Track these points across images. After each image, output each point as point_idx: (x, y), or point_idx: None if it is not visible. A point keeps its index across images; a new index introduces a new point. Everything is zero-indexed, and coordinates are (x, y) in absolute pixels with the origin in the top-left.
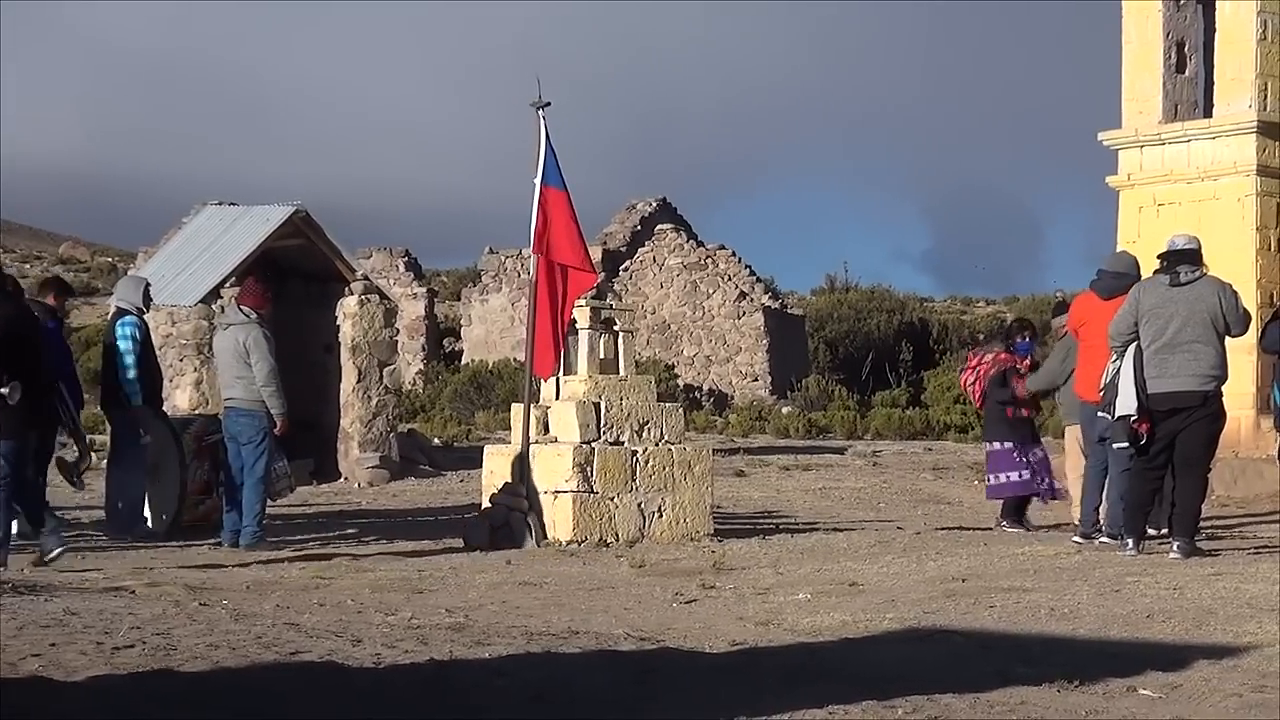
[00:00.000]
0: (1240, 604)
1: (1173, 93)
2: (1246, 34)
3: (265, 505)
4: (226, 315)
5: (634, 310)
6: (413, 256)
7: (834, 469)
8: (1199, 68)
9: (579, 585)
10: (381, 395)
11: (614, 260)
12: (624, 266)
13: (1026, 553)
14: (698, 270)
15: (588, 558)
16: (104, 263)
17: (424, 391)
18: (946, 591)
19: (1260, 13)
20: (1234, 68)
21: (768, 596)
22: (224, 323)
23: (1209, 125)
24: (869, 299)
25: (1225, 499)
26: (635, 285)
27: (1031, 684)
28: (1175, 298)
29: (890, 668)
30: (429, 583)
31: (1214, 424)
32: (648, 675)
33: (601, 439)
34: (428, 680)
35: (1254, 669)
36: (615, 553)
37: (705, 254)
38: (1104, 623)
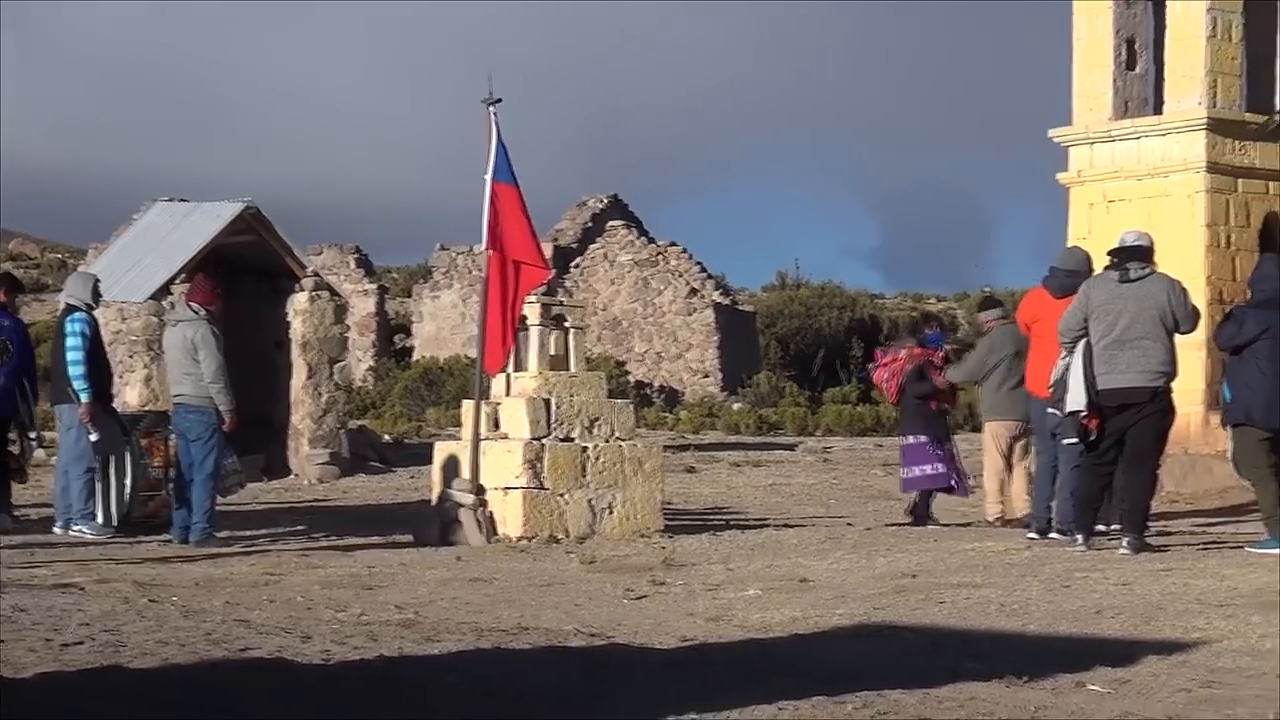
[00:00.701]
0: (1189, 600)
1: (1123, 90)
2: (1197, 31)
3: (215, 502)
4: (176, 312)
5: (585, 306)
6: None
7: (784, 465)
8: (1149, 65)
9: (529, 581)
10: (332, 392)
11: (565, 256)
12: (575, 263)
13: (976, 549)
14: (649, 267)
15: (538, 554)
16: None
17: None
18: (896, 587)
19: (1210, 10)
20: (1184, 65)
21: (718, 593)
22: (173, 319)
23: (1159, 122)
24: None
25: (1175, 495)
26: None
27: (981, 679)
28: (1125, 294)
29: (840, 664)
30: (379, 579)
31: (1163, 420)
32: (598, 671)
33: (552, 435)
34: (377, 677)
35: (1203, 664)
36: (565, 549)
37: (656, 250)
38: (1053, 618)
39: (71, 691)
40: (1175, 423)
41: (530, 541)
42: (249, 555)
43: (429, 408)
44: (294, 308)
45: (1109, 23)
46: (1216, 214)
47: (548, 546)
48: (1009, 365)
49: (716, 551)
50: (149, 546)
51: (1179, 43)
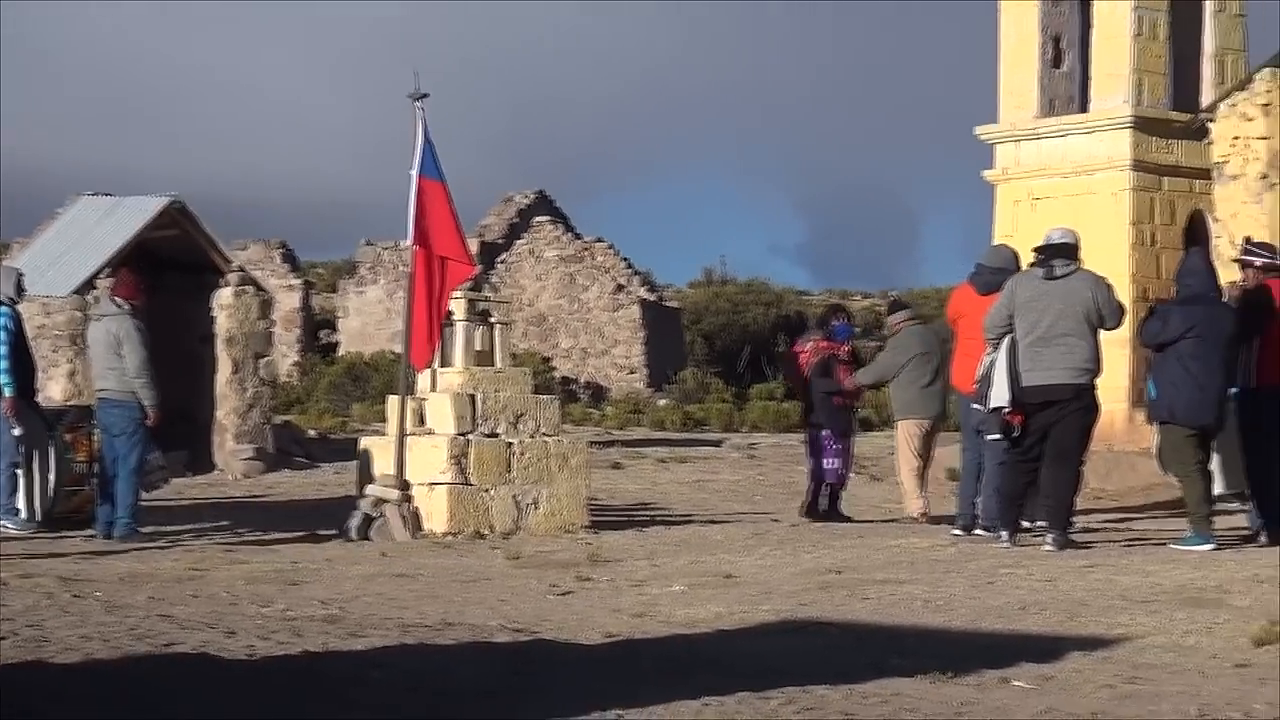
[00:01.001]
0: (1113, 596)
1: (1049, 88)
2: (1123, 30)
3: (139, 497)
4: (100, 306)
5: (510, 302)
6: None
7: (710, 461)
8: (1075, 63)
9: (454, 577)
10: (257, 387)
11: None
12: (501, 259)
13: (901, 545)
14: (575, 263)
15: (463, 550)
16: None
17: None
18: (821, 583)
19: (1136, 9)
20: (1110, 63)
21: (643, 588)
22: (97, 314)
23: (1085, 120)
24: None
25: (1099, 492)
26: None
27: (906, 675)
28: (1050, 291)
29: (766, 660)
30: (303, 574)
31: (1088, 417)
32: (523, 667)
33: (477, 431)
34: (301, 672)
35: (1126, 660)
36: (491, 545)
37: (582, 246)
38: (978, 615)
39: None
40: (1099, 419)
41: (455, 537)
42: (173, 551)
43: (354, 403)
44: (219, 303)
45: (1035, 21)
46: (1141, 212)
47: (473, 542)
48: (918, 365)
49: (642, 547)
50: (73, 541)
51: (1105, 41)
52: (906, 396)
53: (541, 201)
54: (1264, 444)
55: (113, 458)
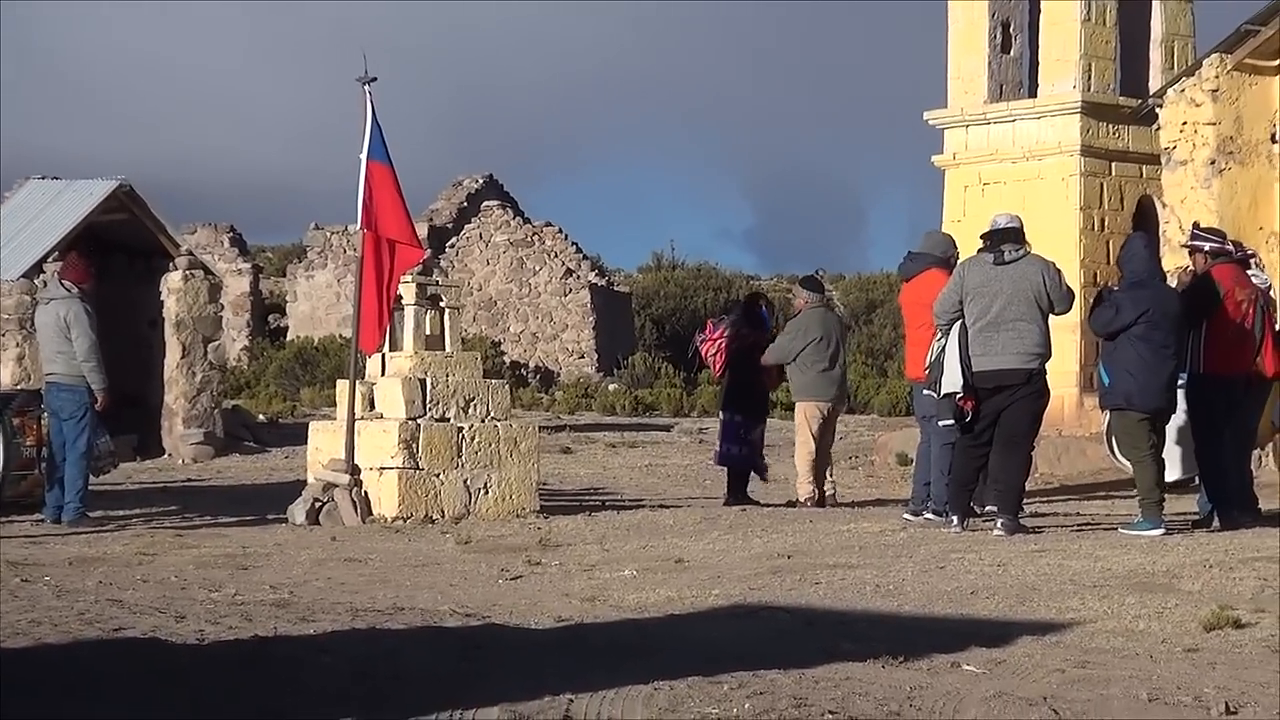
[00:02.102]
0: (1063, 581)
1: (998, 73)
2: (1071, 15)
3: (88, 481)
4: (48, 290)
5: (460, 286)
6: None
7: (660, 446)
8: (1024, 48)
9: (404, 562)
10: (206, 371)
11: (440, 237)
12: (450, 243)
13: (852, 529)
14: (524, 247)
15: (413, 534)
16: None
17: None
18: (772, 568)
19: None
20: (1059, 48)
21: (594, 573)
22: (46, 297)
23: (1034, 105)
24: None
25: (1049, 476)
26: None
27: (857, 659)
28: (999, 276)
29: (717, 644)
30: (253, 559)
31: (1038, 402)
32: (474, 652)
33: (427, 415)
34: (251, 656)
35: (1076, 645)
36: (441, 529)
37: (532, 231)
38: (929, 599)
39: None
40: (1049, 405)
41: (405, 522)
42: (123, 535)
43: (304, 387)
44: (168, 286)
45: (984, 6)
46: (1090, 197)
47: (423, 527)
48: (816, 348)
49: (592, 532)
50: (21, 526)
51: (1054, 27)
52: (805, 379)
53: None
54: (1214, 430)
55: (61, 442)
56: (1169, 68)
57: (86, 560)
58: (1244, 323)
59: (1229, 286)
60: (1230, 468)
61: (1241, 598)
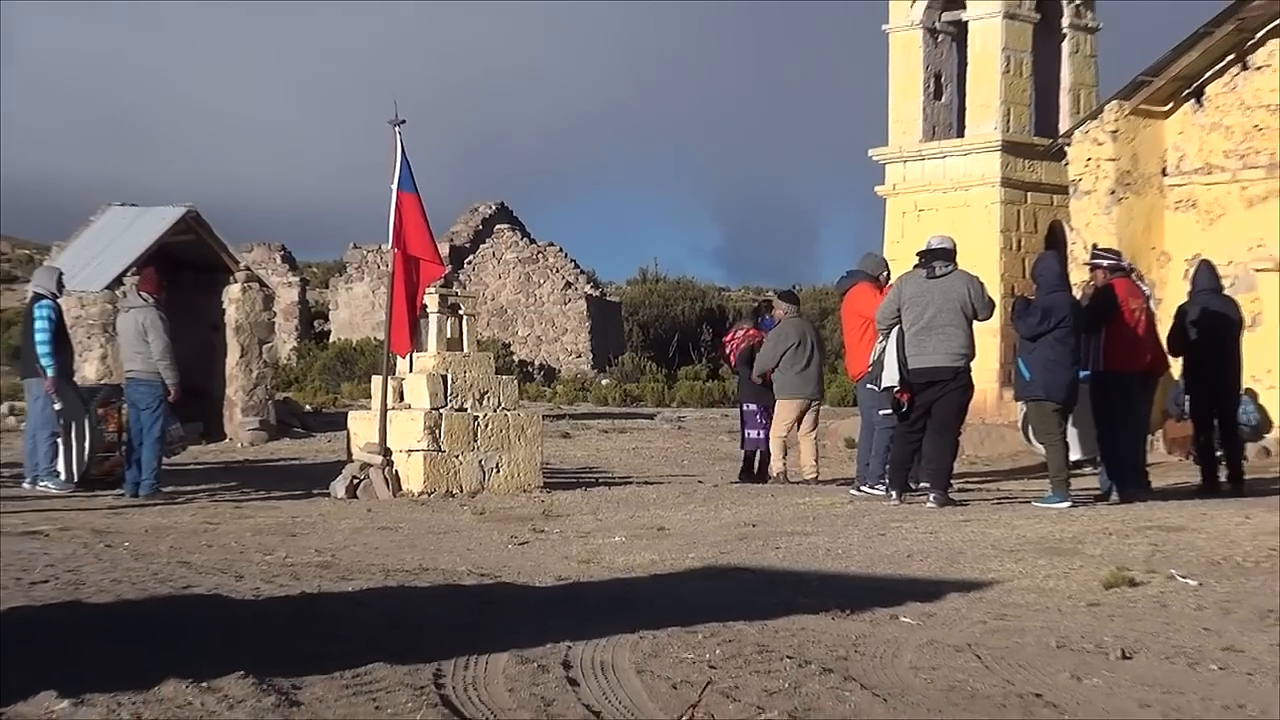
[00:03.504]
0: (986, 546)
1: (931, 116)
2: (993, 67)
3: (161, 461)
4: (128, 300)
5: (476, 297)
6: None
7: (645, 432)
8: (953, 96)
9: (429, 530)
10: (261, 368)
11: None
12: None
13: (807, 503)
14: (530, 264)
15: (436, 506)
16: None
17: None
18: (739, 535)
19: (1004, 49)
20: (982, 96)
21: (589, 539)
22: (126, 306)
23: (961, 144)
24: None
25: (973, 458)
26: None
27: (810, 613)
28: (932, 288)
29: (692, 599)
30: (301, 527)
31: (964, 394)
32: (487, 606)
33: (448, 406)
34: (299, 610)
35: (996, 600)
36: (459, 502)
37: (537, 250)
38: (871, 561)
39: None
40: (974, 397)
41: (429, 496)
42: (190, 507)
43: (344, 382)
44: (228, 297)
45: (919, 59)
46: (1009, 222)
47: (444, 500)
48: (794, 353)
49: (587, 504)
50: (105, 500)
51: (978, 77)
52: (784, 380)
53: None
54: (1113, 418)
55: (138, 428)
56: (1076, 112)
57: (159, 528)
58: (1137, 328)
59: (1124, 297)
60: (1126, 450)
61: (1136, 560)
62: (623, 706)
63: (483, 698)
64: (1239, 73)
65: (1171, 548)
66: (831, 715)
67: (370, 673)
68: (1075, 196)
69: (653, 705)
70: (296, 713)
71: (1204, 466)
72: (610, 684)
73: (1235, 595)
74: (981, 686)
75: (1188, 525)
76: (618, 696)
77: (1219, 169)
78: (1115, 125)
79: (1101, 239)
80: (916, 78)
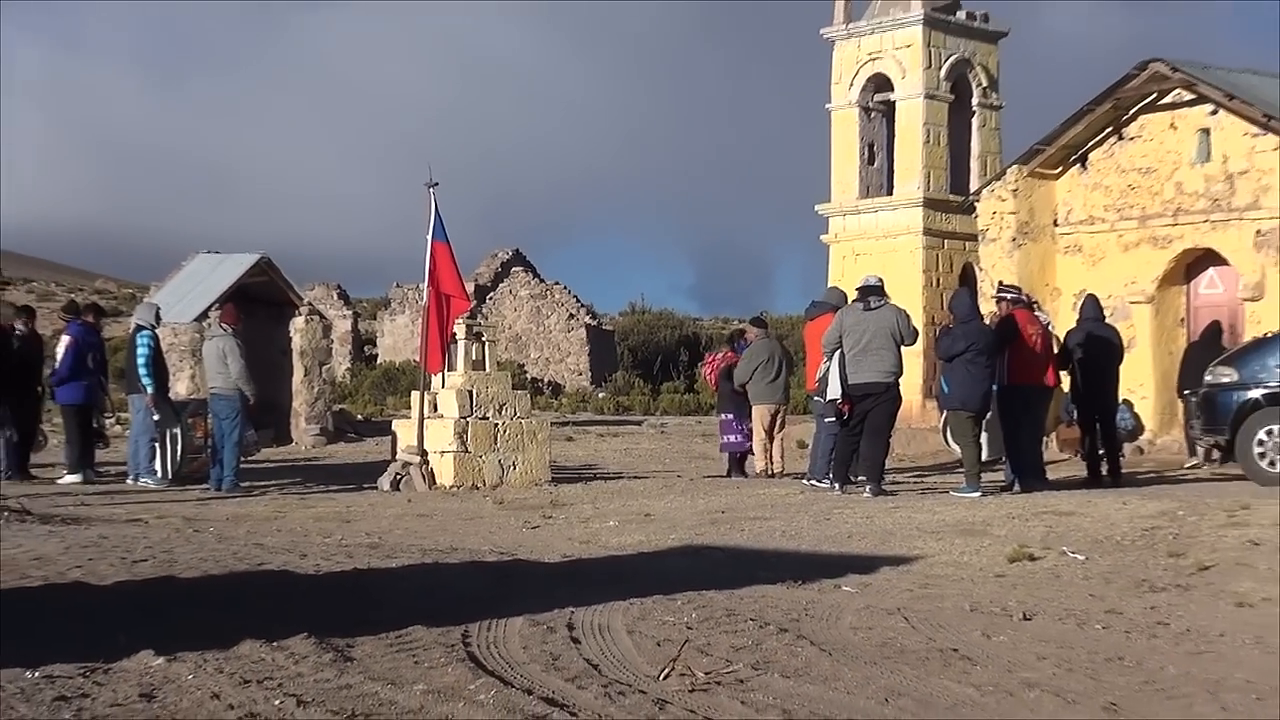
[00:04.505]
0: (912, 528)
1: (866, 178)
2: (916, 139)
3: (240, 461)
4: (212, 330)
5: (496, 327)
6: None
7: (634, 436)
8: (883, 161)
9: (457, 516)
10: (320, 385)
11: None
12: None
13: (766, 494)
14: (540, 299)
15: (464, 497)
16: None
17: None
18: (711, 520)
19: (925, 123)
20: (907, 161)
21: (588, 524)
22: (210, 335)
23: (890, 201)
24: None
25: (902, 456)
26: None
27: (769, 583)
28: (867, 318)
29: (672, 573)
30: (354, 515)
31: (894, 405)
32: (505, 579)
33: (473, 415)
34: (352, 582)
35: (921, 573)
36: (483, 494)
37: (545, 288)
38: (819, 541)
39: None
40: (902, 407)
41: (458, 489)
42: (263, 499)
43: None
44: (294, 327)
45: (856, 132)
46: (930, 264)
47: (470, 492)
48: (764, 368)
49: (587, 495)
50: (193, 493)
51: (904, 146)
52: (757, 389)
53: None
54: (1015, 424)
55: (220, 435)
56: (983, 174)
57: (238, 516)
58: (1035, 349)
59: (1024, 324)
60: (1026, 449)
61: (1034, 540)
62: (616, 660)
63: (502, 653)
64: (1116, 142)
65: (1063, 529)
66: (786, 666)
67: (410, 633)
68: (983, 243)
69: (641, 659)
70: (350, 667)
71: (1089, 463)
72: (606, 642)
73: (1115, 568)
74: (909, 643)
75: (1076, 510)
76: (612, 652)
77: (1100, 220)
78: (1015, 185)
79: (1005, 277)
80: (853, 147)
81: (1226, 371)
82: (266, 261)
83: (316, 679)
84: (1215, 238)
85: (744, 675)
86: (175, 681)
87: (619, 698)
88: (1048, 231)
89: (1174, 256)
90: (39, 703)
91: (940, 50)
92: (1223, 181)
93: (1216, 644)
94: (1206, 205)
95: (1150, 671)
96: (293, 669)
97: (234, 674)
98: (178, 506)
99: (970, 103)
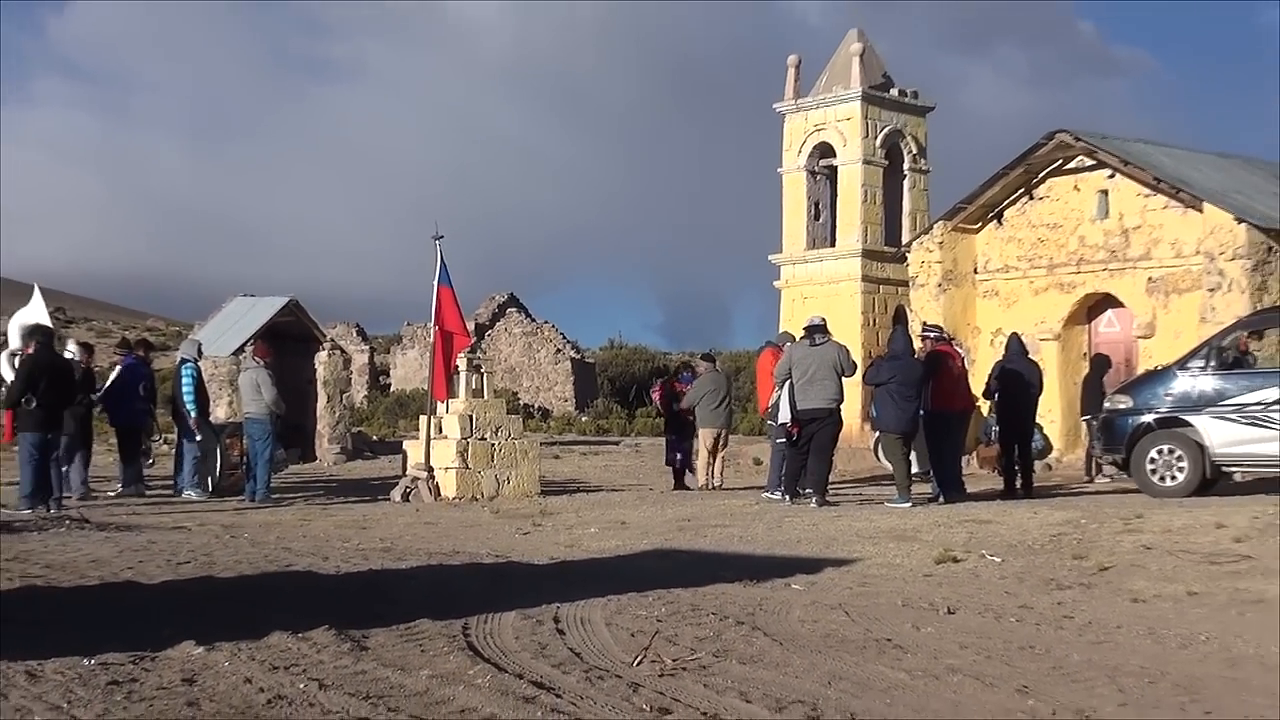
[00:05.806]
0: (852, 535)
1: (812, 232)
2: (855, 198)
3: (271, 476)
4: (246, 362)
5: (493, 360)
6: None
7: (613, 454)
8: (828, 217)
9: (459, 524)
10: (341, 410)
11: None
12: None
13: (726, 505)
14: (532, 336)
15: (465, 508)
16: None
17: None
18: (678, 527)
19: (863, 185)
20: (848, 217)
21: (572, 531)
22: (245, 367)
23: (833, 252)
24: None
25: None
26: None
27: (729, 582)
28: (813, 353)
29: (646, 573)
30: (370, 523)
31: (836, 427)
32: (500, 578)
33: (473, 436)
34: (368, 581)
35: (860, 573)
36: (481, 505)
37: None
38: (771, 545)
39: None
40: (843, 429)
41: (460, 500)
42: (291, 509)
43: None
44: (318, 360)
45: (804, 192)
46: (867, 306)
47: (471, 503)
48: (710, 396)
49: (571, 506)
50: (230, 504)
51: (845, 205)
52: (703, 414)
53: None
54: (939, 443)
55: (254, 453)
56: (913, 228)
57: (269, 524)
58: (956, 380)
59: (945, 358)
60: (949, 465)
61: (957, 544)
62: (596, 649)
63: (496, 643)
64: (1027, 201)
65: (983, 535)
66: (743, 654)
67: (417, 626)
68: (914, 288)
69: (617, 648)
70: (365, 655)
71: (1006, 478)
72: (587, 633)
73: (1027, 569)
74: (849, 633)
75: (994, 519)
76: (592, 642)
77: (1014, 269)
78: (941, 238)
79: (931, 318)
80: (802, 205)
81: (1123, 399)
82: (295, 303)
83: (336, 665)
84: (1113, 284)
85: (706, 662)
86: (213, 668)
87: (598, 681)
88: (969, 278)
89: (1077, 300)
90: (94, 686)
91: (876, 122)
92: (1119, 235)
93: (1114, 635)
94: (1105, 256)
95: (1058, 658)
96: (315, 657)
97: (264, 661)
98: (217, 515)
99: (902, 167)
